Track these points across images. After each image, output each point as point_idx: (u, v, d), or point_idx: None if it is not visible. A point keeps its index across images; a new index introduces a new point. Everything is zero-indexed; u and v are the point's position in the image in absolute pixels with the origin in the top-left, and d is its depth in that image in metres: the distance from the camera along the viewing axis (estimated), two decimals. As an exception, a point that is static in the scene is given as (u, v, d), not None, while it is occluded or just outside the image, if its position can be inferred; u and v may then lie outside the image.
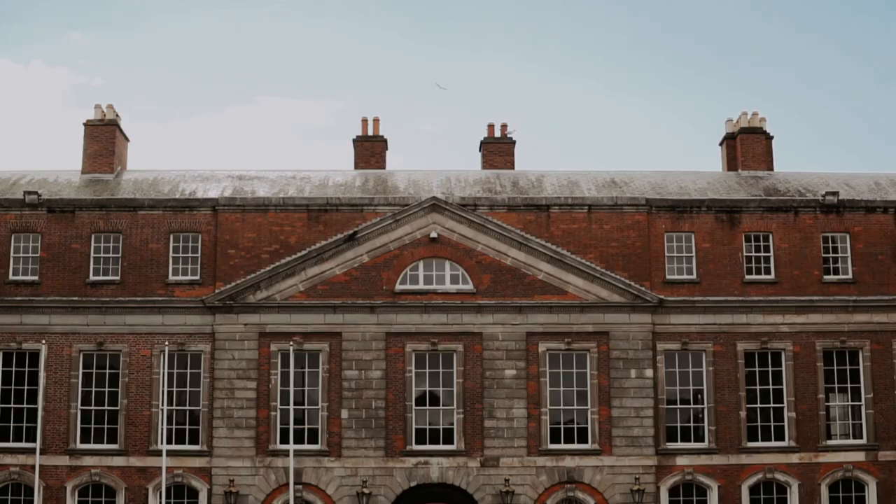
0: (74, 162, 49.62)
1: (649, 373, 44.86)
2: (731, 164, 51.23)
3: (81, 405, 44.60)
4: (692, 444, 44.97)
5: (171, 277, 45.34)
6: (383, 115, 57.90)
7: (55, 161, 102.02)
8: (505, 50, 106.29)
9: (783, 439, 45.17)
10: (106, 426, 44.65)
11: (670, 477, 44.50)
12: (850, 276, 46.31)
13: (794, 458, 44.94)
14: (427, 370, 44.91)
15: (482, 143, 51.37)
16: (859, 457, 45.19)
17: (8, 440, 44.42)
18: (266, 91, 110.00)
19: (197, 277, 45.35)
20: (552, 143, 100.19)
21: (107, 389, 44.86)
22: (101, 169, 48.95)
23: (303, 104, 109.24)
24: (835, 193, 46.68)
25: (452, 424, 44.61)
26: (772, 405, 45.35)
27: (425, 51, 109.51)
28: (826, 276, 46.24)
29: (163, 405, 43.93)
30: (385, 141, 51.22)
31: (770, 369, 45.52)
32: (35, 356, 44.55)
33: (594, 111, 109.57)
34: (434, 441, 44.53)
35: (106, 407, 44.68)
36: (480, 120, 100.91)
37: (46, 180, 48.19)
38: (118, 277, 45.32)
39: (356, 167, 50.78)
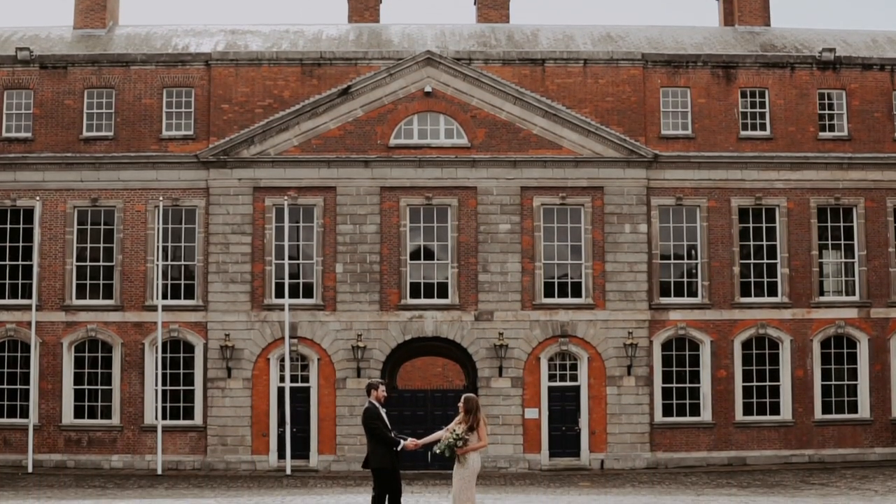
0: (66, 17, 49.22)
1: (643, 228, 44.84)
2: (728, 19, 50.72)
3: (77, 261, 44.62)
4: (685, 300, 45.11)
5: (165, 133, 45.01)
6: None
7: (47, 17, 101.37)
8: None
9: (776, 295, 45.33)
10: (101, 282, 44.72)
11: (663, 331, 44.73)
12: (845, 133, 46.10)
13: (787, 314, 45.16)
14: (421, 225, 44.83)
15: (477, -5, 50.68)
16: (851, 314, 45.41)
17: (4, 297, 44.59)
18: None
19: (190, 132, 45.04)
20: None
21: (102, 245, 44.87)
22: (93, 24, 48.38)
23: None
24: (831, 50, 46.24)
25: (447, 279, 44.66)
26: (765, 261, 45.43)
27: None
28: (821, 133, 45.99)
29: (158, 261, 43.93)
30: (379, -6, 50.54)
31: (764, 225, 45.50)
32: (29, 213, 44.49)
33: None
34: (428, 295, 44.63)
35: (101, 263, 44.73)
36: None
37: (38, 36, 47.70)
38: (111, 133, 45.06)
39: (350, 21, 50.08)
